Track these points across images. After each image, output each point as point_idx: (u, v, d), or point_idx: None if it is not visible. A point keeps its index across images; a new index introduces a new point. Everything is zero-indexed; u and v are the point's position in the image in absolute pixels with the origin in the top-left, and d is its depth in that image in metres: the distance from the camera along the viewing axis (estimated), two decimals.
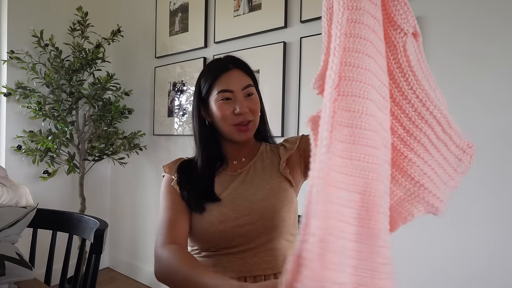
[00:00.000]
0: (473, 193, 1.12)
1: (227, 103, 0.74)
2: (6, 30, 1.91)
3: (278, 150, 0.83)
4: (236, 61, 0.77)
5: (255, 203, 0.73)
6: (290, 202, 0.76)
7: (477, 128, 1.11)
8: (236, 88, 0.74)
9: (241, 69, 0.76)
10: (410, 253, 1.24)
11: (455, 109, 1.11)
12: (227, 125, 0.75)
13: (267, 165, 0.81)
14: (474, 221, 1.12)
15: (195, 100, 0.81)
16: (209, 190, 0.77)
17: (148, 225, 2.24)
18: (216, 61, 0.80)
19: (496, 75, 1.08)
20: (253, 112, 0.76)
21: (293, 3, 1.54)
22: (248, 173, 0.79)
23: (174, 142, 2.08)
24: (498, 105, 1.07)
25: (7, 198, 0.90)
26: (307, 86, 1.48)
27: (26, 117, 1.98)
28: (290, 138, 0.85)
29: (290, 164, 0.80)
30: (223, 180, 0.79)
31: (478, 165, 1.08)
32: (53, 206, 2.10)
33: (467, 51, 1.13)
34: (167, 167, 0.83)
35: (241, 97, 0.74)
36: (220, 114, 0.75)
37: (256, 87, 0.79)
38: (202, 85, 0.79)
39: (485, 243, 1.10)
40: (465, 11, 1.13)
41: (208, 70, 0.80)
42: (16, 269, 0.74)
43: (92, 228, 0.95)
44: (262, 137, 0.87)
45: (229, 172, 0.81)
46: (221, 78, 0.74)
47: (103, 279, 2.26)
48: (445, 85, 1.14)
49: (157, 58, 2.16)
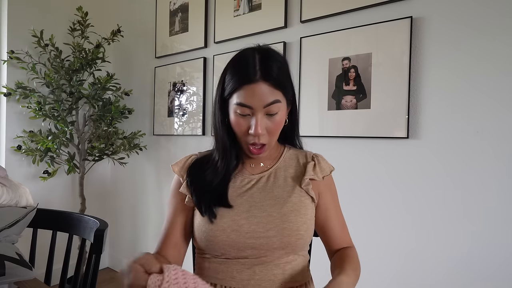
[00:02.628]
0: (476, 192, 1.12)
1: (244, 118, 0.67)
2: (6, 30, 1.91)
3: (306, 163, 0.76)
4: (266, 70, 0.65)
5: (273, 215, 0.68)
6: (310, 219, 0.72)
7: (486, 124, 1.11)
8: (257, 105, 0.64)
9: (270, 81, 0.65)
10: (424, 252, 1.24)
11: (463, 105, 1.12)
12: (241, 140, 0.70)
13: (290, 175, 0.75)
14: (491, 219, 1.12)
15: (217, 94, 0.72)
16: (223, 194, 0.71)
17: (148, 225, 2.24)
18: (246, 59, 0.67)
19: (506, 70, 1.07)
20: (270, 133, 0.68)
21: (293, 3, 1.54)
22: (268, 181, 0.74)
23: (174, 142, 2.08)
24: (508, 100, 1.06)
25: (7, 198, 0.90)
26: (306, 86, 1.48)
27: (26, 117, 1.98)
28: (323, 161, 0.77)
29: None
30: (238, 184, 0.74)
31: (487, 162, 1.09)
32: (53, 206, 2.10)
33: (474, 46, 1.12)
34: (176, 167, 0.78)
35: (261, 115, 0.65)
36: (235, 127, 0.69)
37: (287, 97, 0.70)
38: (226, 82, 0.69)
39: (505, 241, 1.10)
40: (468, 4, 1.13)
41: (235, 65, 0.68)
42: (16, 269, 0.74)
43: (92, 228, 0.95)
44: (288, 137, 0.80)
45: (246, 175, 0.75)
46: (244, 88, 0.65)
47: (103, 279, 2.26)
48: (452, 81, 1.15)
49: (157, 58, 2.16)
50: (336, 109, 1.39)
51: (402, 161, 1.26)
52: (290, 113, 0.76)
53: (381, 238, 1.31)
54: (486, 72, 1.09)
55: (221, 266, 0.71)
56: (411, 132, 1.23)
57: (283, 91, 0.67)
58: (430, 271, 1.20)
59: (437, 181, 1.19)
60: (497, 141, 1.08)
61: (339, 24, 1.40)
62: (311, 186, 0.73)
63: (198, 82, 1.92)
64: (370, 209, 1.33)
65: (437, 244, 1.19)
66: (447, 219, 1.17)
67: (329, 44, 1.41)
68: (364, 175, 1.35)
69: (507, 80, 1.06)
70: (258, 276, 0.68)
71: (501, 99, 1.07)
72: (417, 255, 1.23)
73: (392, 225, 1.29)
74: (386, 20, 1.27)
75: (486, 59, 1.10)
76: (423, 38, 1.21)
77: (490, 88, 1.09)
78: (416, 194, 1.23)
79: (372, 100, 1.30)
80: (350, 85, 1.35)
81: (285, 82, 0.68)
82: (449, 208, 1.16)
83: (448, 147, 1.16)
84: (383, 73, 1.28)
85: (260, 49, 0.69)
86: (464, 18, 1.13)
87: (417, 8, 1.22)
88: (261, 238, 0.67)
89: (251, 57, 0.67)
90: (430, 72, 1.19)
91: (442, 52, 1.17)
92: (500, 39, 1.07)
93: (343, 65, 1.37)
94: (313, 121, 1.45)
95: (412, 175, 1.24)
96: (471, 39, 1.12)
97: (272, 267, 0.69)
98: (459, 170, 1.14)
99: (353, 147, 1.37)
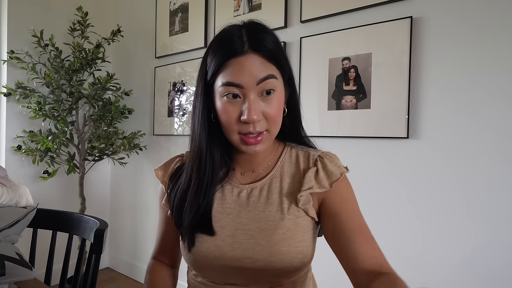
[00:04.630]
0: (476, 192, 1.12)
1: (233, 103, 0.53)
2: (6, 30, 1.91)
3: (307, 168, 0.60)
4: (257, 40, 0.53)
5: (261, 245, 0.55)
6: (308, 245, 0.58)
7: (487, 123, 1.11)
8: (247, 82, 0.51)
9: (260, 52, 0.52)
10: (430, 252, 1.24)
11: (463, 105, 1.12)
12: (231, 133, 0.55)
13: (286, 189, 0.59)
14: (496, 218, 1.12)
15: (199, 81, 0.58)
16: (204, 217, 0.58)
17: (148, 225, 2.24)
18: (230, 32, 0.55)
19: (508, 67, 1.06)
20: (269, 119, 0.54)
21: (293, 3, 1.54)
22: (261, 195, 0.59)
23: (174, 142, 2.08)
24: (510, 98, 1.06)
25: (7, 198, 0.90)
26: (306, 86, 1.48)
27: (26, 117, 1.98)
28: (331, 162, 0.59)
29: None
30: (226, 195, 0.61)
31: (488, 162, 1.09)
32: (53, 206, 2.10)
33: (474, 46, 1.12)
34: (159, 171, 0.67)
35: (254, 95, 0.52)
36: (222, 116, 0.54)
37: (284, 76, 0.56)
38: (208, 63, 0.55)
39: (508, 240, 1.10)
40: (468, 3, 1.13)
41: (218, 42, 0.55)
42: (16, 269, 0.73)
43: (92, 228, 0.95)
44: (293, 137, 0.65)
45: (235, 184, 0.62)
46: (230, 63, 0.52)
47: (103, 279, 2.26)
48: (453, 81, 1.15)
49: (157, 58, 2.16)
50: (336, 109, 1.39)
51: (402, 161, 1.26)
52: (289, 101, 0.62)
53: (379, 237, 1.31)
54: (487, 72, 1.09)
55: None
56: (411, 132, 1.23)
57: (278, 66, 0.55)
58: (434, 271, 1.20)
59: (437, 181, 1.19)
60: (499, 140, 1.08)
61: (339, 24, 1.40)
62: (311, 204, 0.58)
63: None
64: (370, 209, 1.33)
65: (440, 244, 1.19)
66: (447, 220, 1.17)
67: (329, 44, 1.41)
68: (364, 175, 1.35)
69: (508, 78, 1.06)
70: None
71: (503, 97, 1.07)
72: (417, 255, 1.23)
73: (392, 225, 1.29)
74: (386, 20, 1.27)
75: (486, 59, 1.10)
76: (423, 38, 1.21)
77: (491, 87, 1.09)
78: (416, 194, 1.23)
79: (372, 100, 1.30)
80: (350, 85, 1.35)
81: (279, 55, 0.55)
82: (449, 208, 1.16)
83: (449, 148, 1.16)
84: (383, 73, 1.28)
85: (247, 23, 0.56)
86: (464, 18, 1.13)
87: (417, 8, 1.22)
88: (248, 270, 0.56)
89: (236, 30, 0.55)
90: (430, 72, 1.19)
91: (442, 52, 1.17)
92: (501, 38, 1.07)
93: (343, 65, 1.37)
94: (313, 121, 1.45)
95: (412, 175, 1.24)
96: (471, 39, 1.12)
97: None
98: (459, 170, 1.14)
99: (353, 147, 1.37)
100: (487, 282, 1.09)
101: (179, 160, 0.67)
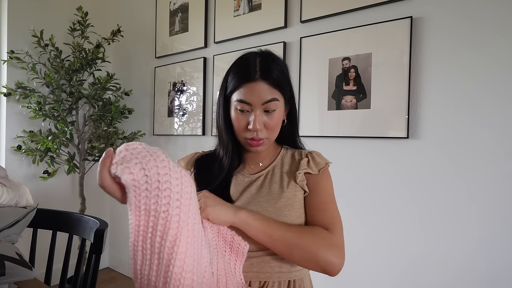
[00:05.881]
0: (476, 193, 1.12)
1: (243, 115, 0.72)
2: (6, 30, 1.91)
3: (301, 159, 0.79)
4: (266, 70, 0.71)
5: (269, 210, 0.72)
6: (303, 213, 0.74)
7: (488, 123, 1.11)
8: (255, 102, 0.70)
9: (268, 80, 0.70)
10: (433, 252, 1.24)
11: (463, 105, 1.12)
12: (240, 136, 0.75)
13: (286, 171, 0.79)
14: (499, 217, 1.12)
15: (221, 93, 0.77)
16: (225, 190, 0.76)
17: None
18: (248, 61, 0.73)
19: (510, 66, 1.07)
20: (269, 129, 0.73)
21: (293, 3, 1.54)
22: (266, 179, 0.78)
23: (174, 142, 2.08)
24: (510, 95, 1.06)
25: (7, 198, 0.90)
26: (307, 86, 1.48)
27: (26, 117, 1.98)
28: (318, 156, 0.80)
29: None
30: (239, 182, 0.79)
31: (488, 162, 1.09)
32: (53, 206, 2.10)
33: (474, 46, 1.12)
34: (183, 161, 0.83)
35: (259, 112, 0.71)
36: (234, 123, 0.74)
37: (285, 96, 0.74)
38: (229, 81, 0.75)
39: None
40: (468, 3, 1.13)
41: (238, 68, 0.74)
42: (16, 269, 0.74)
43: (92, 228, 0.95)
44: (288, 138, 0.84)
45: (246, 174, 0.80)
46: (244, 86, 0.71)
47: (103, 279, 2.26)
48: (453, 81, 1.15)
49: (157, 58, 2.16)
50: (336, 109, 1.39)
51: (402, 161, 1.26)
52: (289, 114, 0.80)
53: (378, 237, 1.31)
54: (487, 73, 1.09)
55: None
56: (411, 132, 1.23)
57: (281, 91, 0.72)
58: (437, 271, 1.20)
59: (437, 181, 1.19)
60: (501, 139, 1.08)
61: (339, 24, 1.40)
62: (305, 182, 0.75)
63: (198, 82, 1.92)
64: (369, 209, 1.33)
65: (439, 244, 1.19)
66: (447, 220, 1.17)
67: (329, 44, 1.41)
68: (363, 175, 1.35)
69: (509, 77, 1.06)
70: (256, 268, 0.70)
71: (503, 96, 1.07)
72: (418, 255, 1.23)
73: (391, 226, 1.29)
74: (386, 20, 1.27)
75: (486, 59, 1.10)
76: (423, 38, 1.21)
77: (491, 86, 1.09)
78: (416, 194, 1.23)
79: (372, 100, 1.30)
80: (350, 85, 1.35)
81: (283, 83, 0.73)
82: (450, 208, 1.16)
83: (449, 147, 1.16)
84: (383, 73, 1.28)
85: (261, 53, 0.75)
86: (464, 18, 1.13)
87: (417, 8, 1.22)
88: None
89: (252, 59, 0.73)
90: (430, 72, 1.19)
91: (442, 52, 1.17)
92: (501, 39, 1.07)
93: (343, 65, 1.37)
94: (313, 121, 1.45)
95: (412, 175, 1.24)
96: (471, 39, 1.12)
97: (269, 259, 0.71)
98: (459, 170, 1.14)
99: (353, 147, 1.37)
100: (490, 282, 1.09)
101: (199, 155, 0.86)
